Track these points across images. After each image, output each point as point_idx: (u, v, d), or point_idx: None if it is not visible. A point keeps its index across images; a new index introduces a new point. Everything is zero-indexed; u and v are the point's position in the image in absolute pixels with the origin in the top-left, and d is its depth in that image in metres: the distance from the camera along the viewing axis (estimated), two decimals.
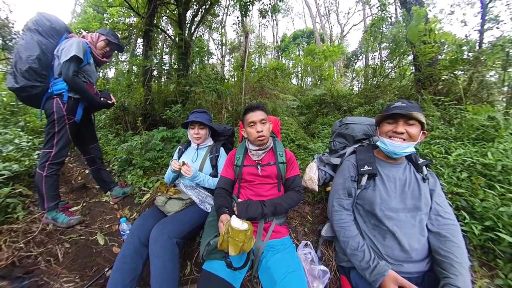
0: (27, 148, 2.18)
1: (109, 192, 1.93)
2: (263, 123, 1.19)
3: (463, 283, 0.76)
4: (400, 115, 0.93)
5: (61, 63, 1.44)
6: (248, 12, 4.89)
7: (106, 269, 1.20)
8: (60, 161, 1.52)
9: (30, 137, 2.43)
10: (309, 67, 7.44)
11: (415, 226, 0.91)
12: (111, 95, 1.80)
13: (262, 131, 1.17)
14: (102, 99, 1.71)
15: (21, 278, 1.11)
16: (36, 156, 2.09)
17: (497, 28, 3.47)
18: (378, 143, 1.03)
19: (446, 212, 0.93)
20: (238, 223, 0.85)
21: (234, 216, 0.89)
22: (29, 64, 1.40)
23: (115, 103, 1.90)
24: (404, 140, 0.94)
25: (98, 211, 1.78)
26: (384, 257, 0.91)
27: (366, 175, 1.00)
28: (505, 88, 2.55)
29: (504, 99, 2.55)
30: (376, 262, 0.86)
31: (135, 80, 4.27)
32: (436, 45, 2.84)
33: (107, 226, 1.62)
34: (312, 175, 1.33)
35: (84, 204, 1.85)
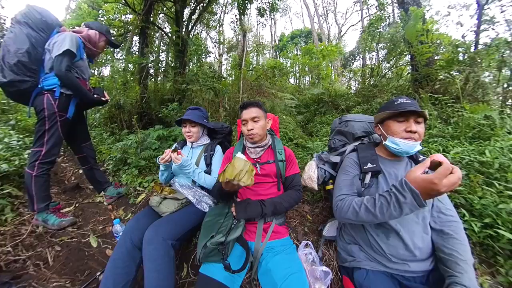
0: (18, 147, 2.10)
1: (102, 192, 1.87)
2: (255, 121, 1.16)
3: (468, 281, 0.74)
4: (411, 112, 0.89)
5: (53, 58, 1.39)
6: (246, 11, 4.86)
7: (99, 273, 1.16)
8: (50, 160, 1.46)
9: (21, 136, 2.35)
10: (307, 67, 7.43)
11: (419, 223, 0.89)
12: (104, 91, 1.75)
13: (252, 129, 1.14)
14: (95, 95, 1.66)
15: (8, 283, 1.05)
16: (26, 156, 2.02)
17: (493, 29, 3.51)
18: (387, 143, 0.97)
19: (447, 209, 0.92)
20: (242, 156, 0.87)
21: (239, 153, 0.92)
22: (18, 57, 1.34)
23: (110, 101, 1.86)
24: (415, 139, 0.90)
25: (91, 212, 1.73)
26: (388, 256, 0.89)
27: (370, 173, 0.98)
28: (499, 89, 2.58)
29: (500, 98, 2.58)
30: (392, 189, 0.75)
31: (131, 78, 4.19)
32: (433, 45, 2.86)
33: (100, 227, 1.57)
34: (311, 173, 1.30)
35: (76, 205, 1.78)
